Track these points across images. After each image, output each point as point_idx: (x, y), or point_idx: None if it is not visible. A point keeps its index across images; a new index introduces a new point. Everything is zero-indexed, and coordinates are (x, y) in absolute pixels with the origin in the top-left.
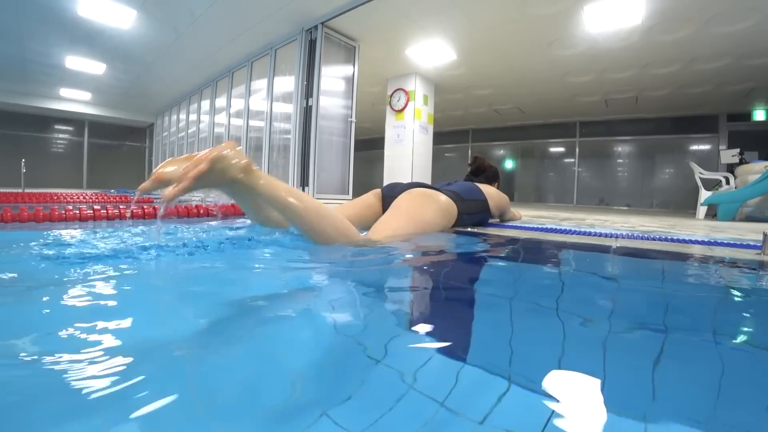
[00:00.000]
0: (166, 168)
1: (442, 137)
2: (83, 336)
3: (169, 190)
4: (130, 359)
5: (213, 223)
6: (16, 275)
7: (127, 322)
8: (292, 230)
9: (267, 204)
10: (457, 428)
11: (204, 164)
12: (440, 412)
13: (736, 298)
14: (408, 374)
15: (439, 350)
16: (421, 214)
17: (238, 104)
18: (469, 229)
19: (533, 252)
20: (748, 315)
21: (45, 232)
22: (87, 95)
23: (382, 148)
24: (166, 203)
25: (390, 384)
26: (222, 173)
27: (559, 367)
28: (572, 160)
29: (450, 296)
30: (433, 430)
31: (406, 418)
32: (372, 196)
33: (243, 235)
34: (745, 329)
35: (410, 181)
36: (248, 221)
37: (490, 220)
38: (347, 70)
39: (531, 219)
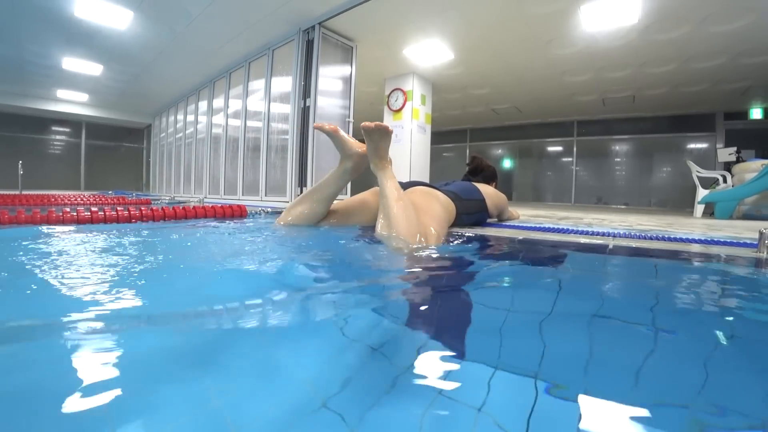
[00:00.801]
0: (339, 130)
1: (440, 137)
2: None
3: (368, 123)
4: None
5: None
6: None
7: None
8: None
9: (380, 185)
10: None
11: (387, 128)
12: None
13: (731, 295)
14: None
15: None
16: (432, 213)
17: (235, 105)
18: (467, 228)
19: (532, 252)
20: (742, 312)
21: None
22: (84, 96)
23: None
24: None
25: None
26: (388, 145)
27: (557, 364)
28: (570, 159)
29: (452, 298)
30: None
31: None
32: (370, 194)
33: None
34: (739, 325)
35: (408, 180)
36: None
37: (488, 220)
38: (345, 70)
39: (529, 218)
